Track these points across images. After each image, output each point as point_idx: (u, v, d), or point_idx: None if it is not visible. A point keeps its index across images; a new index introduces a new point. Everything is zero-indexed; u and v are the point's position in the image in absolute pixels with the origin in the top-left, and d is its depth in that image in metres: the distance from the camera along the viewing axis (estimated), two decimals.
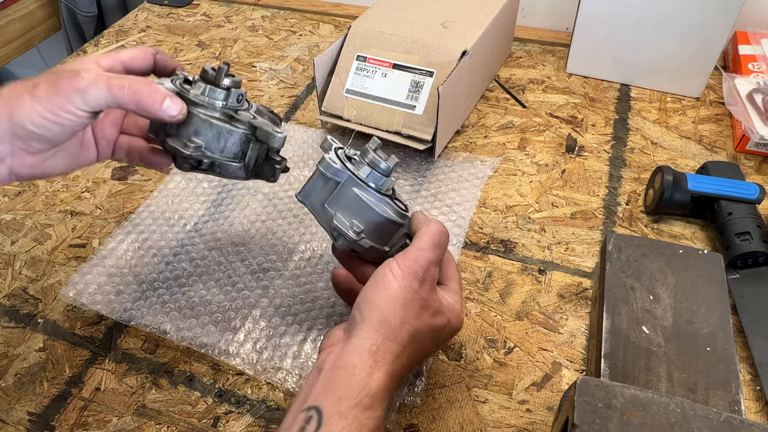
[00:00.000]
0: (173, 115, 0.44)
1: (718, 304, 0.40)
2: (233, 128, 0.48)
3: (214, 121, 0.47)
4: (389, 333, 0.42)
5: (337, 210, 0.48)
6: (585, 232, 0.66)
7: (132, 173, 0.79)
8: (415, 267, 0.44)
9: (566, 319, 0.58)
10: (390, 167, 0.49)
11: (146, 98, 0.42)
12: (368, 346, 0.41)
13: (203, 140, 0.47)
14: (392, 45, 0.75)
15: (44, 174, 0.46)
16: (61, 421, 0.53)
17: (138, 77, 0.44)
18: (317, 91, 0.77)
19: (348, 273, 0.53)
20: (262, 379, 0.55)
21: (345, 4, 1.13)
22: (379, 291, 0.43)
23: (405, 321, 0.42)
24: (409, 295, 0.43)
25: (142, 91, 0.42)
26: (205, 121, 0.47)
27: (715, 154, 0.74)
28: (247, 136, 0.49)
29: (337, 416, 0.38)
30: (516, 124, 0.81)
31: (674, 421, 0.30)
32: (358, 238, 0.47)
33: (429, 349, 0.47)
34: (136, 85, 0.42)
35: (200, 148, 0.47)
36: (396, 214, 0.49)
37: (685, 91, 0.83)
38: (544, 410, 0.51)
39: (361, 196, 0.47)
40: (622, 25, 0.81)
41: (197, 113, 0.46)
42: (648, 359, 0.37)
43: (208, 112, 0.47)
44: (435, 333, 0.45)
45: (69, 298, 0.63)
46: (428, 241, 0.45)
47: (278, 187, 0.74)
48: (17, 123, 0.40)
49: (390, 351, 0.41)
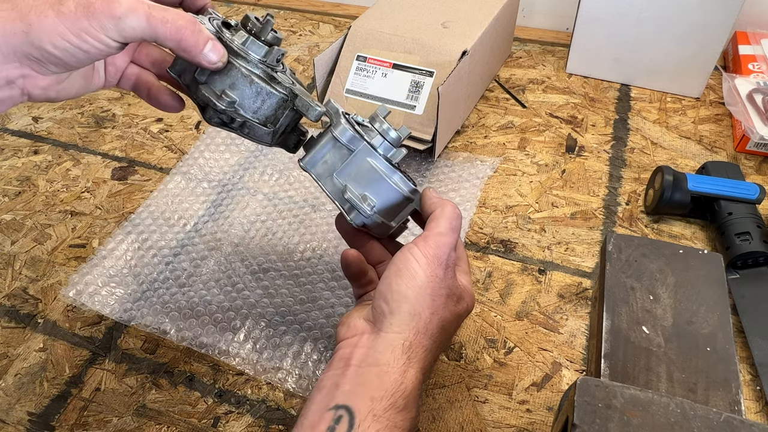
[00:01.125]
0: (213, 61, 0.40)
1: (718, 304, 0.40)
2: (273, 90, 0.44)
3: (255, 78, 0.43)
4: (420, 327, 0.40)
5: (348, 181, 0.45)
6: (585, 232, 0.66)
7: (132, 173, 0.79)
8: (438, 253, 0.42)
9: (566, 319, 0.58)
10: (401, 137, 0.46)
11: (189, 38, 0.38)
12: (401, 342, 0.39)
13: (238, 96, 0.43)
14: (392, 45, 0.75)
15: (58, 97, 0.41)
16: (61, 421, 0.53)
17: (182, 12, 0.38)
18: (317, 91, 0.77)
19: (359, 254, 0.49)
20: (262, 379, 0.55)
21: (345, 4, 1.13)
22: (405, 280, 0.41)
23: (435, 312, 0.41)
24: (436, 284, 0.41)
25: (185, 30, 0.37)
26: (246, 76, 0.42)
27: (715, 154, 0.74)
28: (285, 101, 0.45)
29: (370, 418, 0.36)
30: (516, 124, 0.81)
31: (674, 422, 0.30)
32: (372, 213, 0.45)
33: (453, 336, 0.45)
34: (180, 22, 0.37)
35: (234, 103, 0.43)
36: (409, 190, 0.46)
37: (685, 91, 0.83)
38: (544, 410, 0.51)
39: (376, 168, 0.45)
40: (622, 25, 0.81)
41: (238, 65, 0.42)
42: (648, 359, 0.37)
43: (249, 66, 0.43)
44: (459, 320, 0.44)
45: (69, 298, 0.63)
46: (446, 225, 0.43)
47: (278, 188, 0.74)
48: (35, 42, 0.34)
49: (422, 346, 0.39)
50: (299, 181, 0.75)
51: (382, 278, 0.43)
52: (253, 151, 0.80)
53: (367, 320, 0.42)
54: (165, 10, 0.37)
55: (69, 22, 0.34)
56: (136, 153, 0.82)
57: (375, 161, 0.45)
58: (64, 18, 0.34)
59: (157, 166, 0.79)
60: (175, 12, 0.37)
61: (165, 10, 0.37)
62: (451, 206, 0.45)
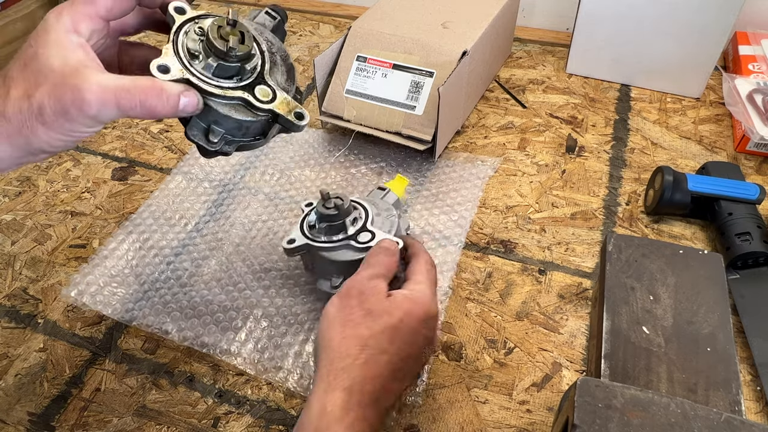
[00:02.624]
0: (190, 112, 0.42)
1: (718, 304, 0.40)
2: (254, 119, 0.44)
3: (234, 115, 0.43)
4: (332, 355, 0.42)
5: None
6: (585, 233, 0.66)
7: (132, 174, 0.79)
8: (347, 287, 0.46)
9: (566, 319, 0.58)
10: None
11: (159, 108, 0.40)
12: (319, 382, 0.41)
13: (224, 128, 0.44)
14: (392, 45, 0.75)
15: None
16: (61, 421, 0.53)
17: (143, 80, 0.40)
18: (317, 92, 0.77)
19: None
20: (263, 378, 0.55)
21: (345, 5, 1.13)
22: (320, 326, 0.45)
23: (345, 336, 0.42)
24: (347, 311, 0.44)
25: (153, 104, 0.39)
26: (225, 116, 0.43)
27: (715, 154, 0.74)
28: (268, 120, 0.45)
29: None
30: (516, 124, 0.81)
31: (674, 422, 0.30)
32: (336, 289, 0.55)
33: (408, 346, 0.44)
34: (147, 99, 0.39)
35: (222, 135, 0.44)
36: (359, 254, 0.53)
37: (685, 91, 0.83)
38: (544, 410, 0.51)
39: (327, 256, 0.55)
40: (622, 25, 0.81)
41: (215, 104, 0.42)
42: (648, 359, 0.37)
43: (225, 100, 0.42)
44: (395, 331, 0.43)
45: (71, 298, 0.63)
46: (363, 265, 0.48)
47: (279, 187, 0.74)
48: (34, 148, 0.40)
49: (340, 369, 0.41)
50: (300, 180, 0.75)
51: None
52: (254, 151, 0.80)
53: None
54: (129, 90, 0.39)
55: (54, 130, 0.39)
56: (137, 153, 0.82)
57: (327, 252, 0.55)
58: (50, 126, 0.39)
59: (157, 167, 0.79)
60: (138, 85, 0.39)
61: (129, 90, 0.39)
62: (375, 247, 0.51)
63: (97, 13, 0.41)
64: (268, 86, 0.44)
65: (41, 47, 0.39)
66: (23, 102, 0.38)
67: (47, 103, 0.38)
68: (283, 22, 0.49)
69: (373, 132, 0.73)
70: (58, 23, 0.40)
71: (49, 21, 0.40)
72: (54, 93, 0.38)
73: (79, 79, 0.38)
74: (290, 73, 0.47)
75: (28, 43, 0.40)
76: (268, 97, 0.44)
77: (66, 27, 0.40)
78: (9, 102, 0.38)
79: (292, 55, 0.48)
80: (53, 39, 0.39)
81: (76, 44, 0.40)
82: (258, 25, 0.47)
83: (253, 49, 0.44)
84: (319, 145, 0.80)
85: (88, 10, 0.41)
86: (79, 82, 0.38)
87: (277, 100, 0.44)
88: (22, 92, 0.38)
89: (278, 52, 0.47)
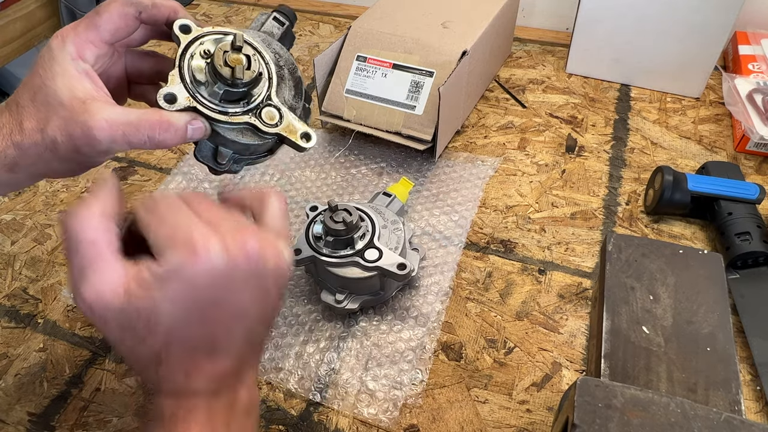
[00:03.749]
0: (198, 138, 0.42)
1: (718, 304, 0.40)
2: (261, 142, 0.44)
3: (241, 140, 0.43)
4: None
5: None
6: (585, 232, 0.66)
7: (132, 173, 0.79)
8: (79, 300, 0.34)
9: (566, 319, 0.58)
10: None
11: (168, 141, 0.40)
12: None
13: (232, 149, 0.44)
14: (392, 45, 0.75)
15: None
16: (61, 421, 0.53)
17: (149, 116, 0.39)
18: (317, 92, 0.77)
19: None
20: (262, 379, 0.55)
21: (345, 4, 1.13)
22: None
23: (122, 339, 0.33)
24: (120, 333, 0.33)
25: (161, 138, 0.39)
26: (233, 141, 0.43)
27: (715, 154, 0.74)
28: (275, 142, 0.45)
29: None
30: (516, 124, 0.81)
31: (674, 421, 0.30)
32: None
33: (231, 301, 0.34)
34: (155, 135, 0.39)
35: (231, 157, 0.44)
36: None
37: (685, 91, 0.83)
38: (544, 410, 0.51)
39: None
40: (622, 25, 0.81)
41: (222, 130, 0.42)
42: (648, 359, 0.37)
43: (232, 126, 0.42)
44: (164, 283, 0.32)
45: (70, 298, 0.63)
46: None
47: (279, 188, 0.74)
48: (49, 176, 0.43)
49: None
50: (300, 181, 0.75)
51: None
52: None
53: None
54: (137, 127, 0.39)
55: (68, 161, 0.40)
56: (136, 153, 0.82)
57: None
58: (64, 160, 0.40)
59: (157, 167, 0.79)
60: (144, 123, 0.39)
61: (137, 127, 0.39)
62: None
63: (101, 39, 0.41)
64: (275, 108, 0.44)
65: (48, 79, 0.39)
66: (37, 135, 0.39)
67: (60, 139, 0.38)
68: (291, 25, 0.49)
69: (373, 132, 0.73)
70: (63, 52, 0.39)
71: (53, 49, 0.40)
72: (65, 129, 0.38)
73: (87, 115, 0.38)
74: (298, 87, 0.47)
75: (35, 72, 0.40)
76: (274, 120, 0.44)
77: (71, 55, 0.40)
78: (24, 134, 0.39)
79: (292, 55, 0.48)
80: (59, 69, 0.39)
81: (83, 72, 0.40)
82: (265, 35, 0.46)
83: (260, 67, 0.43)
84: (319, 145, 0.80)
85: (91, 36, 0.40)
86: (87, 118, 0.38)
87: (283, 123, 0.44)
88: (35, 124, 0.39)
89: (286, 65, 0.46)
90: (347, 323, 0.58)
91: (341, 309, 0.56)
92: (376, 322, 0.58)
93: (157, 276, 0.31)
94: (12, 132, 0.39)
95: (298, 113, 0.45)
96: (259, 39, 0.45)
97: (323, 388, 0.54)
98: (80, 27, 0.40)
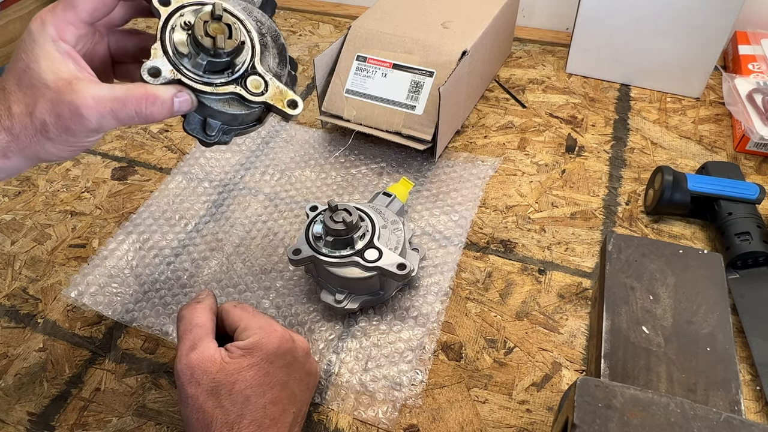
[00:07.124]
0: (185, 111, 0.42)
1: (718, 304, 0.40)
2: (248, 111, 0.44)
3: (228, 110, 0.44)
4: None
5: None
6: (585, 232, 0.66)
7: (132, 173, 0.79)
8: (178, 371, 0.45)
9: (566, 319, 0.58)
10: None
11: (155, 114, 0.41)
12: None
13: (220, 120, 0.44)
14: (392, 45, 0.75)
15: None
16: (61, 421, 0.53)
17: (135, 90, 0.40)
18: (317, 91, 0.77)
19: None
20: None
21: (345, 4, 1.13)
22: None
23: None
24: (192, 401, 0.43)
25: (149, 112, 0.40)
26: (219, 111, 0.43)
27: (715, 154, 0.74)
28: (262, 110, 0.46)
29: None
30: (516, 124, 0.81)
31: (674, 422, 0.30)
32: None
33: (268, 390, 0.44)
34: (142, 109, 0.40)
35: (219, 127, 0.44)
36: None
37: (685, 91, 0.83)
38: (544, 410, 0.51)
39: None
40: (622, 25, 0.81)
41: (208, 101, 0.43)
42: (648, 359, 0.37)
43: (218, 97, 0.43)
44: (245, 388, 0.44)
45: (71, 298, 0.63)
46: (180, 340, 0.47)
47: (279, 188, 0.74)
48: (42, 159, 0.42)
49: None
50: (300, 181, 0.75)
51: None
52: (254, 151, 0.80)
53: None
54: (124, 102, 0.39)
55: (60, 143, 0.40)
56: (136, 153, 0.82)
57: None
58: (56, 142, 0.40)
59: (157, 166, 0.79)
60: (132, 95, 0.40)
61: (124, 102, 0.39)
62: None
63: (80, 19, 0.41)
64: (260, 76, 0.44)
65: (32, 62, 0.39)
66: (26, 119, 0.39)
67: (49, 121, 0.39)
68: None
69: (373, 132, 0.73)
70: (43, 34, 0.39)
71: (33, 32, 0.39)
72: (53, 110, 0.39)
73: (74, 95, 0.38)
74: (282, 54, 0.46)
75: (18, 56, 0.40)
76: (260, 89, 0.44)
77: (52, 37, 0.40)
78: (14, 119, 0.39)
79: (292, 55, 0.48)
80: (41, 51, 0.39)
81: (65, 53, 0.40)
82: (246, 3, 0.46)
83: (242, 36, 0.43)
84: (319, 145, 0.80)
85: (69, 16, 0.40)
86: (73, 97, 0.38)
87: (269, 91, 0.44)
88: (24, 108, 0.39)
89: (268, 33, 0.46)
90: (347, 323, 0.58)
91: (341, 309, 0.56)
92: (376, 322, 0.58)
93: (244, 349, 0.44)
94: (1, 118, 0.39)
95: (283, 81, 0.45)
96: (240, 7, 0.45)
97: (323, 389, 0.54)
98: (58, 8, 0.40)
